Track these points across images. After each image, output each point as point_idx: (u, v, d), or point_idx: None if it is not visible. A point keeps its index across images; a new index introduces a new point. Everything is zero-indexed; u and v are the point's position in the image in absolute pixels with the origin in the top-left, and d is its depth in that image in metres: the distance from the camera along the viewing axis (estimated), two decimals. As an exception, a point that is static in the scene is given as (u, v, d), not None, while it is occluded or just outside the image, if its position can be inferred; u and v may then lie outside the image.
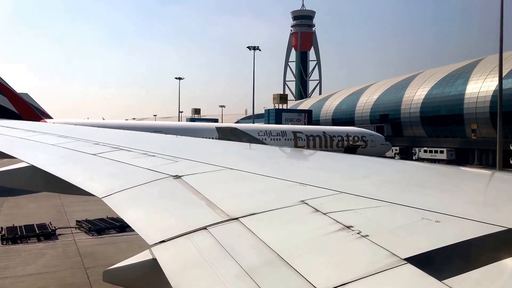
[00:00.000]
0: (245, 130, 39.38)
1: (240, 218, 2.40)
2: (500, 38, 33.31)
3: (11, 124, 10.95)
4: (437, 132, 68.18)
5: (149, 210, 3.06)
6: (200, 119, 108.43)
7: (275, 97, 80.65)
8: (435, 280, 1.54)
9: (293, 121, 70.76)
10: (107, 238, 16.54)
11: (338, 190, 2.74)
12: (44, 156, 6.02)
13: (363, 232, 1.99)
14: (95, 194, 3.53)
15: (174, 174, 3.62)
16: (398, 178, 3.60)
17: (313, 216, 2.32)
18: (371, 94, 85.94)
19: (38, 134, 8.10)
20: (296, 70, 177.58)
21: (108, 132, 9.23)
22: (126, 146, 5.63)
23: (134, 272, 2.30)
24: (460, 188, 3.21)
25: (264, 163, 4.64)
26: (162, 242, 2.31)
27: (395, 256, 1.73)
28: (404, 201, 2.42)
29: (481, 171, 4.41)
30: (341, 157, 5.91)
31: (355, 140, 47.27)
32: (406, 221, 2.16)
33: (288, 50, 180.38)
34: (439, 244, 1.81)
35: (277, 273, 1.80)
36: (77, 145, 6.27)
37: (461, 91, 64.70)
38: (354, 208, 2.36)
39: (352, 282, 1.60)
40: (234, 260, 1.96)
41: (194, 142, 7.52)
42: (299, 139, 44.40)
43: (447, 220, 2.10)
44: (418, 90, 73.29)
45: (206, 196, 2.91)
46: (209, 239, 2.23)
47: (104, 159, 4.89)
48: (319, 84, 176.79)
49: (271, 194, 2.96)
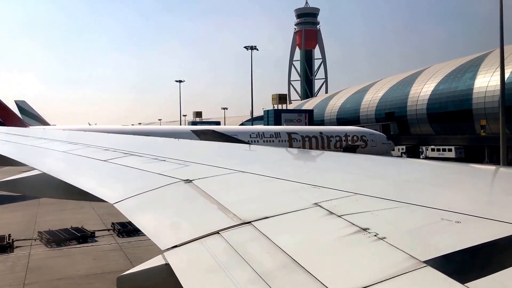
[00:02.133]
0: (235, 132, 38.66)
1: (253, 222, 2.37)
2: (501, 35, 32.74)
3: (21, 131, 11.09)
4: (445, 130, 66.09)
5: (161, 215, 3.05)
6: (202, 122, 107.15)
7: (274, 98, 78.24)
8: (457, 283, 1.49)
9: (293, 121, 68.28)
10: (65, 250, 16.13)
11: (352, 191, 2.68)
12: (56, 163, 6.07)
13: (380, 235, 1.94)
14: (107, 200, 3.53)
15: (185, 178, 3.60)
16: (413, 177, 3.53)
17: (328, 219, 2.28)
18: (376, 91, 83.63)
19: (49, 141, 8.19)
20: (301, 69, 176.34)
21: (118, 138, 9.29)
22: (136, 152, 5.65)
23: (147, 277, 2.29)
24: (479, 187, 3.13)
25: (275, 165, 4.61)
26: (174, 247, 2.29)
27: (414, 259, 1.68)
28: (421, 201, 2.36)
29: (500, 168, 4.31)
30: (353, 157, 5.84)
31: (354, 140, 45.71)
32: (424, 222, 2.11)
33: (292, 49, 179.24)
34: (460, 245, 1.75)
35: (292, 278, 1.76)
36: (88, 151, 6.31)
37: (469, 86, 62.28)
38: (369, 209, 2.31)
39: (369, 286, 1.55)
40: (248, 264, 1.93)
41: (204, 146, 7.51)
42: (294, 140, 42.90)
43: (468, 221, 2.04)
44: (424, 86, 70.99)
45: (218, 200, 2.89)
46: (222, 244, 2.20)
47: (115, 165, 4.91)
48: (325, 83, 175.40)
49: (283, 197, 2.92)
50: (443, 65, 74.01)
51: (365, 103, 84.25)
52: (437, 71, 72.45)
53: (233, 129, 48.42)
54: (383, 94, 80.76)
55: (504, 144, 33.71)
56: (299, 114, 74.84)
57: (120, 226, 18.32)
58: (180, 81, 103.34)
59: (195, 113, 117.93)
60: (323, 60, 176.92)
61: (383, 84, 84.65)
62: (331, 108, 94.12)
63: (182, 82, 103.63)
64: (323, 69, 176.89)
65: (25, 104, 63.78)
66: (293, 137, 43.48)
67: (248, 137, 40.11)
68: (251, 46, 74.64)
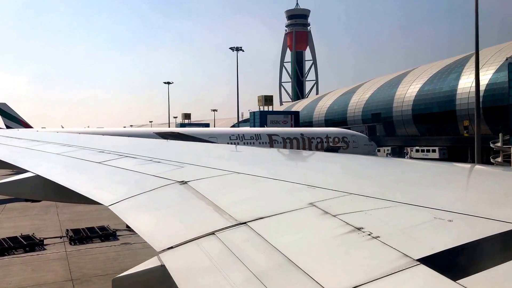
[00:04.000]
0: (212, 134, 37.57)
1: (248, 223, 2.38)
2: (476, 34, 33.13)
3: (13, 133, 11.00)
4: (430, 130, 66.30)
5: (156, 216, 3.05)
6: (191, 124, 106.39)
7: (260, 99, 77.44)
8: (450, 280, 1.51)
9: (279, 123, 67.85)
10: (6, 259, 15.45)
11: (346, 191, 2.71)
12: (50, 165, 6.03)
13: (374, 234, 1.96)
14: (102, 202, 3.52)
15: (180, 180, 3.60)
16: (406, 177, 3.56)
17: (323, 219, 2.29)
18: (363, 93, 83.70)
19: (42, 143, 8.13)
20: (291, 70, 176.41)
21: (113, 140, 9.25)
22: (130, 153, 5.63)
23: (143, 279, 2.29)
24: (470, 186, 3.17)
25: (270, 166, 4.62)
26: (170, 248, 2.29)
27: (408, 257, 1.70)
28: (414, 201, 2.38)
29: (490, 168, 4.36)
30: (347, 158, 5.88)
31: (336, 141, 45.34)
32: (417, 221, 2.13)
33: (283, 50, 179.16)
34: (452, 243, 1.77)
35: (288, 277, 1.77)
36: (82, 153, 6.28)
37: (453, 87, 62.57)
38: (363, 209, 2.33)
39: (364, 285, 1.57)
40: (243, 264, 1.94)
41: (199, 147, 7.51)
42: (275, 142, 42.25)
43: (460, 219, 2.07)
44: (410, 87, 71.28)
45: (213, 201, 2.89)
46: (218, 244, 2.21)
47: (110, 167, 4.89)
48: (316, 84, 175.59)
49: (278, 197, 2.94)
50: (429, 66, 74.16)
51: (352, 105, 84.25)
52: (423, 72, 72.60)
53: (208, 131, 47.30)
54: (369, 96, 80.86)
55: (479, 144, 34.12)
56: (285, 116, 74.29)
57: (73, 233, 17.95)
58: (168, 83, 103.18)
59: (184, 115, 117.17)
60: (314, 61, 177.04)
61: (370, 85, 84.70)
62: (319, 110, 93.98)
63: (170, 83, 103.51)
64: (314, 71, 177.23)
65: (5, 106, 62.94)
66: (274, 138, 42.86)
67: (228, 139, 39.02)
68: (237, 47, 74.75)
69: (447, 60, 71.62)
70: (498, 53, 56.27)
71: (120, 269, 2.43)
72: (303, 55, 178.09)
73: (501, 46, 61.00)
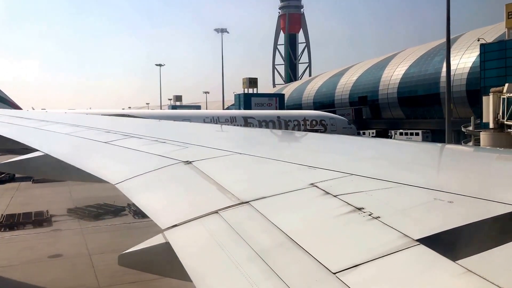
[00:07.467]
0: (190, 116, 35.75)
1: (251, 202, 2.41)
2: (447, 17, 32.44)
3: (25, 114, 11.10)
4: (416, 113, 64.63)
5: (161, 195, 3.10)
6: (182, 106, 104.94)
7: (245, 82, 75.26)
8: (449, 260, 1.53)
9: (263, 106, 66.70)
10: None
11: (347, 172, 2.72)
12: (58, 145, 6.10)
13: (374, 214, 1.98)
14: (108, 181, 3.58)
15: (185, 160, 3.64)
16: (407, 158, 3.56)
17: (324, 199, 2.32)
18: (351, 75, 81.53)
19: (51, 123, 8.21)
20: (285, 53, 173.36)
21: (119, 120, 9.31)
22: (136, 134, 5.68)
23: (148, 255, 2.34)
24: (471, 168, 3.16)
25: (272, 147, 4.64)
26: (174, 226, 2.34)
27: (407, 237, 1.72)
28: (415, 182, 2.39)
29: (490, 150, 4.34)
30: (348, 139, 5.87)
31: (313, 124, 44.10)
32: (418, 202, 2.14)
33: (276, 33, 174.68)
34: (452, 224, 1.79)
35: (289, 256, 1.81)
36: (89, 133, 6.34)
37: (438, 69, 60.47)
38: (364, 189, 2.34)
39: (364, 264, 1.60)
40: (246, 242, 1.98)
41: (204, 128, 7.53)
42: (250, 124, 41.07)
43: (460, 200, 2.07)
44: (396, 70, 69.20)
45: (217, 181, 2.93)
46: (221, 223, 2.25)
47: (116, 147, 4.94)
48: (309, 67, 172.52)
49: (280, 178, 2.96)
50: (416, 48, 71.92)
51: (339, 87, 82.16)
52: (409, 55, 70.46)
53: (180, 113, 45.25)
54: (357, 78, 78.75)
55: (450, 128, 34.02)
56: (270, 99, 72.81)
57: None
58: (160, 65, 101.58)
59: (175, 97, 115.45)
60: (307, 44, 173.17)
61: (358, 68, 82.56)
62: (308, 92, 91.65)
63: (162, 66, 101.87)
64: (307, 53, 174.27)
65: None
66: (249, 121, 41.76)
67: (202, 121, 37.31)
68: (221, 28, 73.64)
69: (434, 43, 69.26)
70: (484, 35, 54.66)
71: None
72: (297, 38, 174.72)
73: (488, 28, 59.04)
